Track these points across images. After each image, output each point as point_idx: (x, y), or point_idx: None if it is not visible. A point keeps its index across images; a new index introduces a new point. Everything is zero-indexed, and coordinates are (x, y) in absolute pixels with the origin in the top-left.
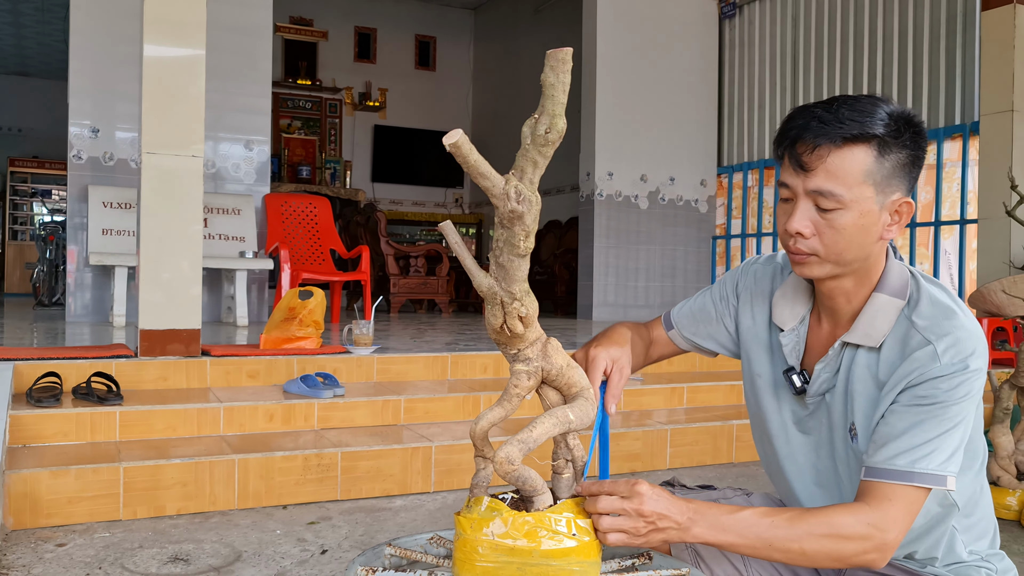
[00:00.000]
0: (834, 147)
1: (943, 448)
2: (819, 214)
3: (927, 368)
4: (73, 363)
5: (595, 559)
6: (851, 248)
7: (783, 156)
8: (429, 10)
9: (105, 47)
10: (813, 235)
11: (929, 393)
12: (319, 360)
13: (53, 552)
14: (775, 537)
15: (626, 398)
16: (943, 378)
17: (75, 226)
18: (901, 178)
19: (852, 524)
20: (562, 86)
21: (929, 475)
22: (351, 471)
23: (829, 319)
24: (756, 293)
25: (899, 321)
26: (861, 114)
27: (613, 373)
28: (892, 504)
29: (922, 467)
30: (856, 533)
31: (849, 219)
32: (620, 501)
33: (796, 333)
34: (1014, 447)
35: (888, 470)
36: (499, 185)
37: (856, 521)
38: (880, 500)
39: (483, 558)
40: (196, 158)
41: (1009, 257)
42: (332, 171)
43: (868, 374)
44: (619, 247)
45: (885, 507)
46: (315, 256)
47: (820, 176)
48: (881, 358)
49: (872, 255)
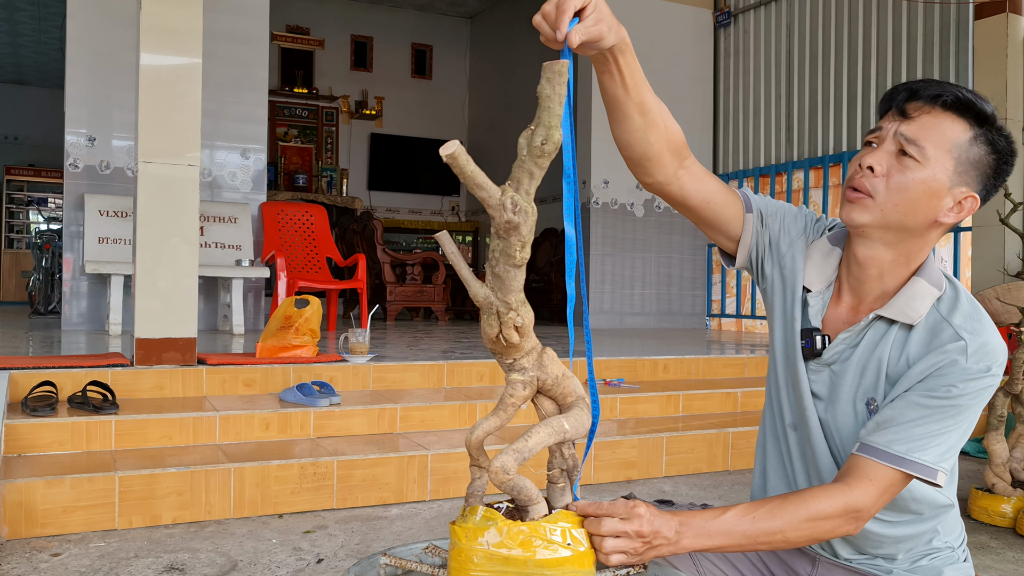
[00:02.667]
0: (939, 108)
1: (941, 444)
2: (897, 159)
3: (953, 363)
4: (69, 372)
5: (590, 568)
6: (905, 207)
7: (890, 108)
8: (425, 19)
9: (101, 56)
10: (882, 175)
11: (945, 390)
12: (315, 368)
13: (48, 562)
14: (758, 532)
15: (621, 405)
16: (965, 378)
17: (71, 234)
18: (979, 174)
19: (829, 507)
20: (558, 98)
21: (922, 466)
22: (347, 480)
23: (853, 295)
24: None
25: (931, 312)
26: (976, 96)
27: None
28: (872, 484)
29: (916, 457)
30: (832, 513)
31: (921, 176)
32: (621, 523)
33: (822, 297)
34: (1008, 454)
35: (883, 452)
36: (495, 196)
37: (832, 504)
38: (860, 479)
39: (478, 567)
40: (192, 167)
41: (1003, 265)
42: (328, 179)
43: (899, 354)
44: (615, 255)
45: (864, 487)
46: (311, 264)
47: (915, 125)
48: (911, 342)
49: (919, 237)
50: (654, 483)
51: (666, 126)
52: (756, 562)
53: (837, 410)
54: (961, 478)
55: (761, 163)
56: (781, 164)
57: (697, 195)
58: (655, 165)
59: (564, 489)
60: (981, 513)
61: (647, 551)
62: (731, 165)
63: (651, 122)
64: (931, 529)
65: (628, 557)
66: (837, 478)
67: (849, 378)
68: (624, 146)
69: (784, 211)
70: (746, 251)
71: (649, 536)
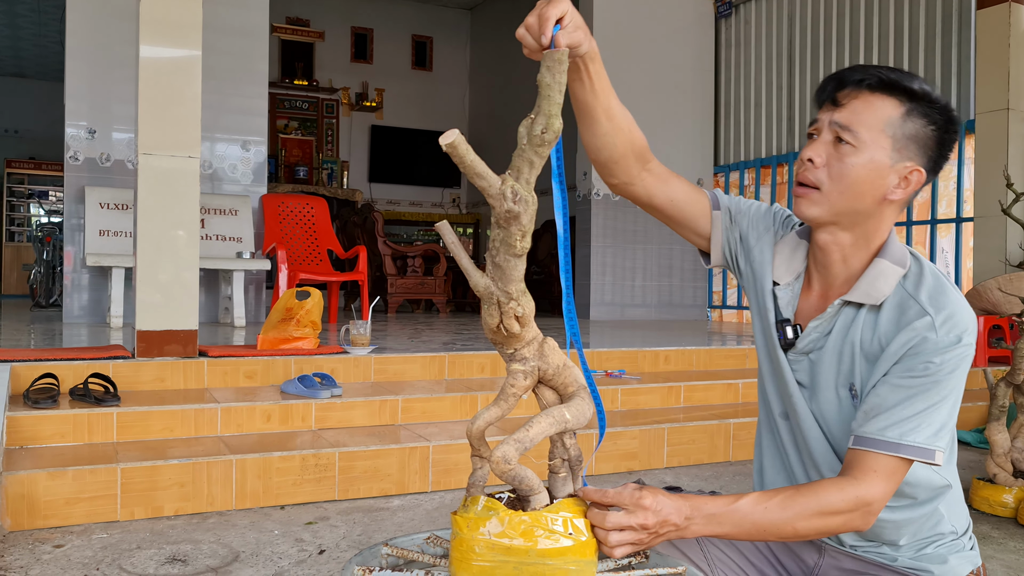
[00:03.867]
0: (867, 90)
1: (932, 422)
2: (835, 147)
3: (924, 339)
4: (70, 364)
5: (591, 558)
6: (851, 192)
7: (823, 100)
8: (425, 10)
9: (101, 48)
10: (823, 166)
11: (922, 367)
12: (316, 360)
13: (51, 553)
14: (769, 523)
15: (623, 397)
16: (938, 351)
17: (72, 227)
18: (920, 148)
19: (840, 500)
20: (558, 86)
21: (916, 448)
22: (349, 471)
23: (821, 282)
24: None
25: (897, 289)
26: (902, 74)
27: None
28: (877, 475)
29: (910, 440)
30: (844, 507)
31: (859, 161)
32: (625, 517)
33: (791, 288)
34: (1010, 444)
35: (878, 440)
36: (495, 185)
37: (843, 497)
38: (866, 472)
39: (480, 557)
40: (193, 159)
41: (1005, 255)
42: (329, 171)
43: (869, 335)
44: (616, 246)
45: (871, 479)
46: (312, 256)
47: (846, 112)
48: (880, 321)
49: (873, 216)
50: (655, 474)
51: (630, 131)
52: (764, 550)
53: (821, 398)
54: (962, 468)
55: (762, 154)
56: (782, 155)
57: (661, 195)
58: (620, 167)
59: (566, 479)
60: (982, 503)
61: (653, 540)
62: (732, 156)
63: (617, 127)
64: (932, 512)
65: (633, 548)
66: (841, 473)
67: (827, 366)
68: (592, 149)
69: (753, 208)
70: (719, 248)
71: (654, 527)
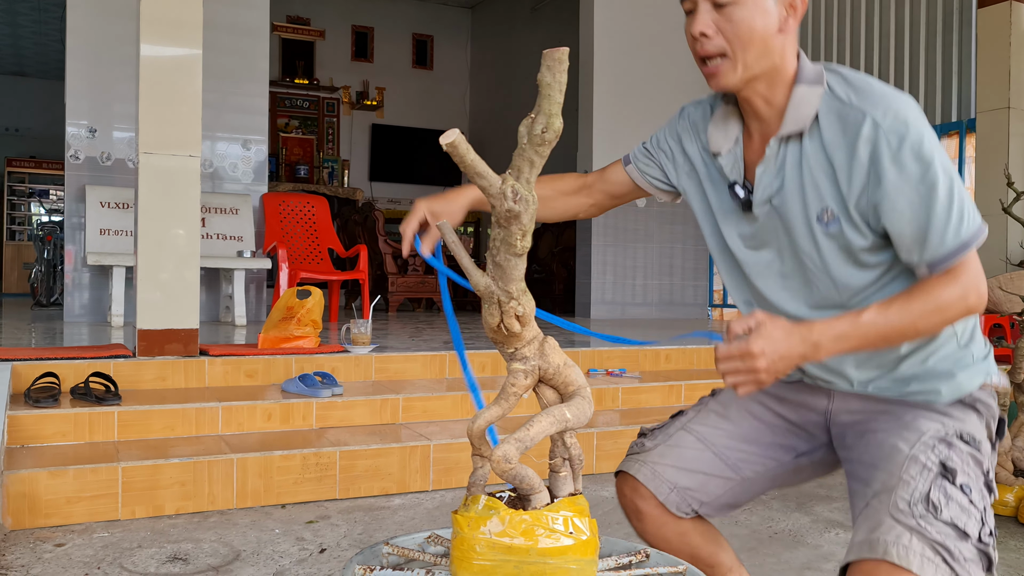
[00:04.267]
0: None
1: (965, 207)
2: (717, 12)
3: (876, 140)
4: (71, 363)
5: (592, 557)
6: (753, 42)
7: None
8: (426, 9)
9: (102, 47)
10: (716, 34)
11: (898, 171)
12: (317, 359)
13: (52, 552)
14: (892, 328)
15: (624, 396)
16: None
17: (73, 226)
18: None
19: (950, 293)
20: (559, 86)
21: (972, 237)
22: (349, 470)
23: (759, 131)
24: (693, 131)
25: (825, 101)
26: None
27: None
28: (962, 267)
29: (965, 233)
30: (954, 297)
31: (747, 12)
32: (740, 363)
33: (732, 154)
34: (1011, 443)
35: (947, 254)
36: (496, 184)
37: (951, 290)
38: (954, 270)
39: (480, 556)
40: (193, 158)
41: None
42: (330, 170)
43: (821, 157)
44: (617, 245)
45: (959, 270)
46: (313, 255)
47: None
48: (825, 140)
49: (777, 54)
50: None
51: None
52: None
53: (797, 238)
54: None
55: None
56: None
57: (607, 198)
58: (579, 215)
59: (566, 478)
60: None
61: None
62: None
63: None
64: None
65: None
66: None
67: (793, 204)
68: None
69: (667, 128)
70: (653, 187)
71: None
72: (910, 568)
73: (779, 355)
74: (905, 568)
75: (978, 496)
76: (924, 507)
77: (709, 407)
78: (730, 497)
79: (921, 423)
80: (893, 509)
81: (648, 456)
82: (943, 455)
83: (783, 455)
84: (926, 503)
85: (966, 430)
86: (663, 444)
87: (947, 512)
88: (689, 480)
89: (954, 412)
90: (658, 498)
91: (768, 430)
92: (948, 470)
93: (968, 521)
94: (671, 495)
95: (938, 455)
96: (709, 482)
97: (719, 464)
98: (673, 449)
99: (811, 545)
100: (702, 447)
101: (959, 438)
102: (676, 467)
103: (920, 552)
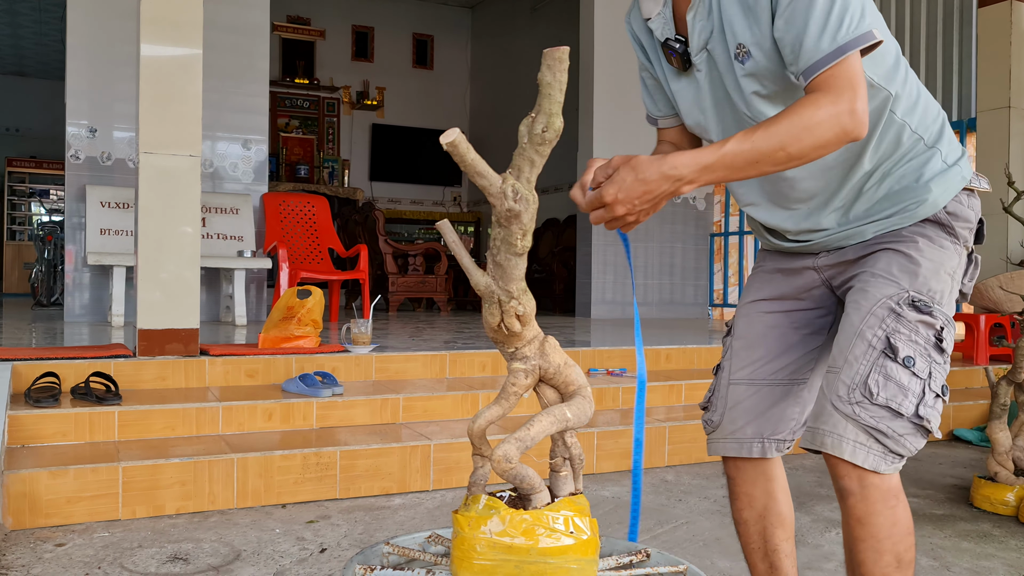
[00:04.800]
0: None
1: (850, 10)
2: None
3: None
4: (72, 363)
5: (592, 556)
6: None
7: None
8: (426, 9)
9: (102, 47)
10: None
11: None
12: (318, 359)
13: (52, 552)
14: (760, 153)
15: (624, 395)
16: None
17: (73, 226)
18: None
19: (817, 111)
20: (559, 85)
21: (852, 40)
22: (350, 470)
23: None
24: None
25: None
26: None
27: None
28: (839, 80)
29: (843, 37)
30: (825, 116)
31: None
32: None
33: (662, 16)
34: (1012, 443)
35: (819, 59)
36: (496, 184)
37: (818, 108)
38: (829, 86)
39: (481, 556)
40: (194, 157)
41: (1006, 254)
42: (330, 170)
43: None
44: (617, 245)
45: (835, 85)
46: (313, 255)
47: None
48: None
49: None
50: (657, 472)
51: None
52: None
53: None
54: (963, 467)
55: None
56: None
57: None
58: None
59: (567, 477)
60: (984, 502)
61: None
62: None
63: None
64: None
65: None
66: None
67: (720, 48)
68: None
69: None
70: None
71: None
72: (842, 457)
73: (637, 196)
74: (838, 457)
75: (923, 364)
76: (861, 392)
77: (734, 348)
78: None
79: (878, 285)
80: (834, 397)
81: (723, 430)
82: (889, 329)
83: (818, 339)
84: (864, 388)
85: (921, 288)
86: (726, 410)
87: (883, 394)
88: (767, 424)
89: (922, 241)
90: (754, 456)
91: (791, 328)
92: (891, 347)
93: (904, 400)
94: (767, 445)
95: (885, 330)
96: (785, 410)
97: (779, 390)
98: (736, 408)
99: (811, 545)
100: (755, 388)
101: (911, 305)
102: (750, 422)
103: (853, 438)
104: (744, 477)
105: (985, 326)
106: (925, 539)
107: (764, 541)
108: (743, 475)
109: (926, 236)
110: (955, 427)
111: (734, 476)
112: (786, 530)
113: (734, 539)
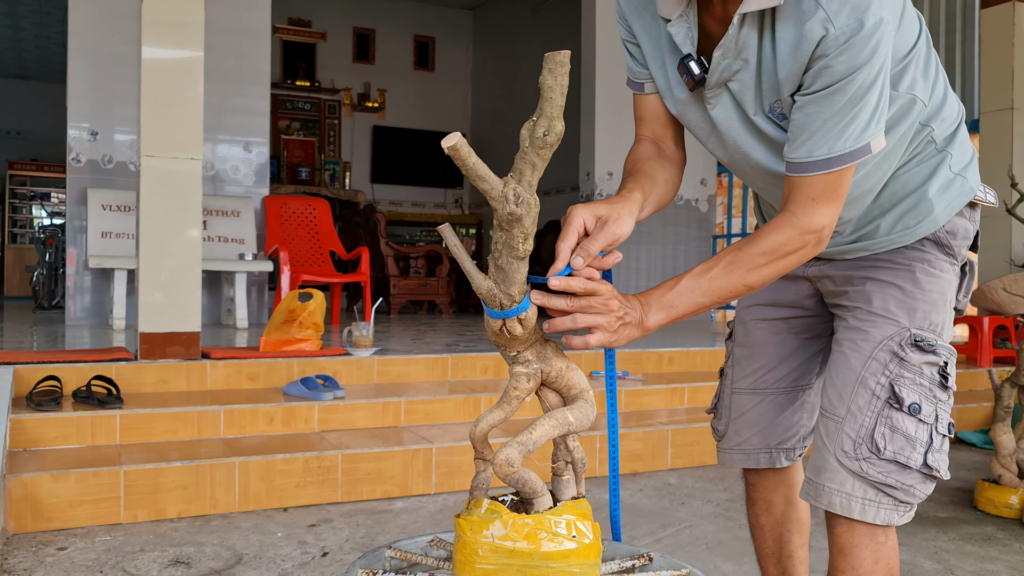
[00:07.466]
0: None
1: (858, 121)
2: None
3: (824, 37)
4: (73, 367)
5: (595, 561)
6: None
7: None
8: (428, 10)
9: (103, 50)
10: None
11: (833, 76)
12: (319, 362)
13: (54, 556)
14: (720, 289)
15: (627, 399)
16: (841, 48)
17: (74, 229)
18: None
19: (785, 241)
20: (560, 89)
21: (848, 153)
22: (352, 473)
23: (719, 5)
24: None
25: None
26: None
27: (596, 229)
28: (816, 202)
29: (840, 149)
30: (791, 245)
31: None
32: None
33: (685, 19)
34: (1016, 446)
35: (808, 163)
36: (498, 188)
37: (786, 237)
38: (804, 202)
39: (483, 560)
40: (195, 160)
41: (1010, 255)
42: (331, 172)
43: (770, 43)
44: (620, 247)
45: (808, 206)
46: (315, 258)
47: None
48: (779, 22)
49: None
50: (659, 475)
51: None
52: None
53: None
54: (967, 469)
55: None
56: None
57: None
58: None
59: (569, 481)
60: (988, 504)
61: (620, 328)
62: None
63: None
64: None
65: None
66: (781, 208)
67: (749, 92)
68: None
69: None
70: None
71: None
72: (853, 517)
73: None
74: (847, 517)
75: (928, 408)
76: (868, 447)
77: (736, 355)
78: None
79: (878, 325)
80: (838, 451)
81: (728, 441)
82: (893, 375)
83: (819, 343)
84: (870, 442)
85: (922, 323)
86: (730, 420)
87: (890, 448)
88: (772, 434)
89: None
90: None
91: (791, 333)
92: (896, 396)
93: (912, 452)
94: (775, 455)
95: (888, 376)
96: (791, 418)
97: (784, 397)
98: (740, 419)
99: (815, 548)
100: (759, 397)
101: (914, 346)
102: (756, 432)
103: (862, 496)
104: (764, 483)
105: (989, 328)
106: (929, 542)
107: (779, 547)
108: (764, 481)
109: (924, 261)
110: (959, 430)
111: (754, 483)
112: (803, 536)
113: (737, 542)
